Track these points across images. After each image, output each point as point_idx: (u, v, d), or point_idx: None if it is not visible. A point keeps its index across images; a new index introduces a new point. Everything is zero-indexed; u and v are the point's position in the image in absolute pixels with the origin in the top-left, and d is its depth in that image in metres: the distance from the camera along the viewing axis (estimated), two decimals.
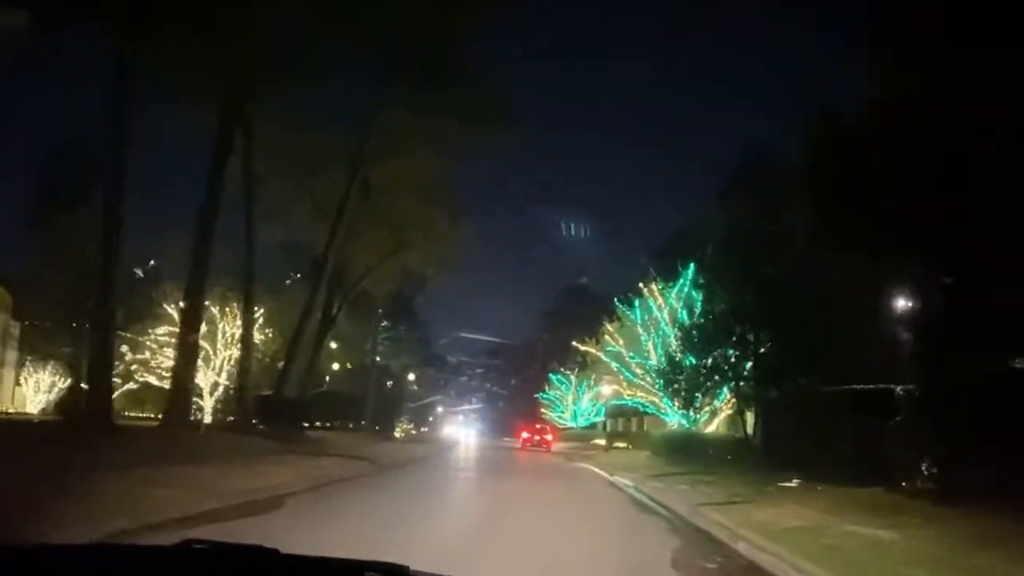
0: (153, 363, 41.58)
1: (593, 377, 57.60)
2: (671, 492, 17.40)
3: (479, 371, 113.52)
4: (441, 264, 43.46)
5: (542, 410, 68.88)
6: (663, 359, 30.06)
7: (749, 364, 25.48)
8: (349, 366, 64.17)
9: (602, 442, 54.33)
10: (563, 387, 66.07)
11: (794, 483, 17.29)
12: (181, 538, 2.14)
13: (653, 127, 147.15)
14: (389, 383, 69.31)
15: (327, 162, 36.44)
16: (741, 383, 25.58)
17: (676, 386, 26.72)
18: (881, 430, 16.53)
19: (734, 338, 25.56)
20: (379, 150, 36.82)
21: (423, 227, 39.57)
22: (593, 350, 36.21)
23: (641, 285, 32.15)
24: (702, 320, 26.21)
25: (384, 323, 73.91)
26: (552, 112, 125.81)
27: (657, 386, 30.75)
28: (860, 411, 18.24)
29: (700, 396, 26.57)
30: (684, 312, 29.24)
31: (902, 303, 19.21)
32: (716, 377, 25.64)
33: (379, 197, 38.45)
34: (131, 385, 46.22)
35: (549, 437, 54.29)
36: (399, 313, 76.16)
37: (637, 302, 32.52)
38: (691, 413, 29.58)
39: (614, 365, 33.16)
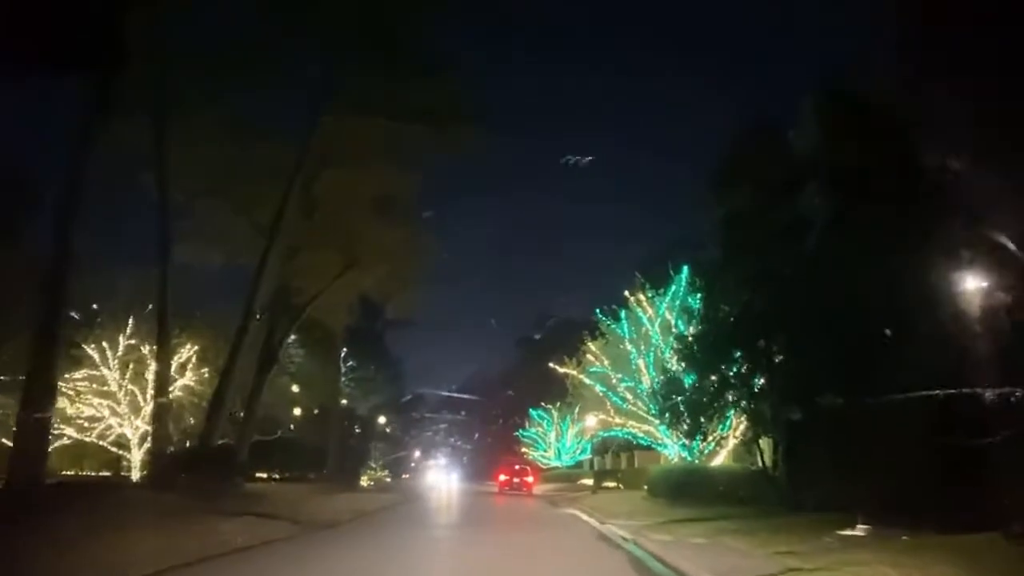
0: (71, 412, 36.17)
1: (577, 409, 52.78)
2: (686, 550, 12.55)
3: (461, 413, 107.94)
4: (401, 287, 38.47)
5: (523, 449, 63.60)
6: (657, 380, 25.35)
7: (761, 380, 20.77)
8: (316, 412, 58.61)
9: (589, 482, 49.29)
10: (545, 423, 60.95)
11: (860, 530, 12.50)
12: None
13: (633, 117, 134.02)
14: (357, 428, 63.88)
15: (270, 176, 31.65)
16: (754, 403, 20.83)
17: (675, 410, 21.86)
18: (969, 451, 11.97)
19: (740, 351, 20.89)
20: (324, 158, 32.30)
21: (377, 245, 34.67)
22: (574, 372, 31.07)
23: (627, 294, 27.44)
24: (704, 327, 21.50)
25: (350, 363, 68.92)
26: (527, 111, 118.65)
27: (651, 412, 25.99)
28: (929, 428, 13.67)
29: (705, 421, 21.70)
30: (680, 322, 24.64)
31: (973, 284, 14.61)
32: (728, 395, 20.86)
33: (326, 212, 33.66)
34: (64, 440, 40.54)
35: (530, 479, 49.27)
36: (368, 350, 71.12)
37: (624, 314, 27.70)
38: (695, 443, 24.87)
39: (599, 389, 28.21)
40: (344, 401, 64.71)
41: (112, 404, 35.89)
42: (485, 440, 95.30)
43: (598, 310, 28.30)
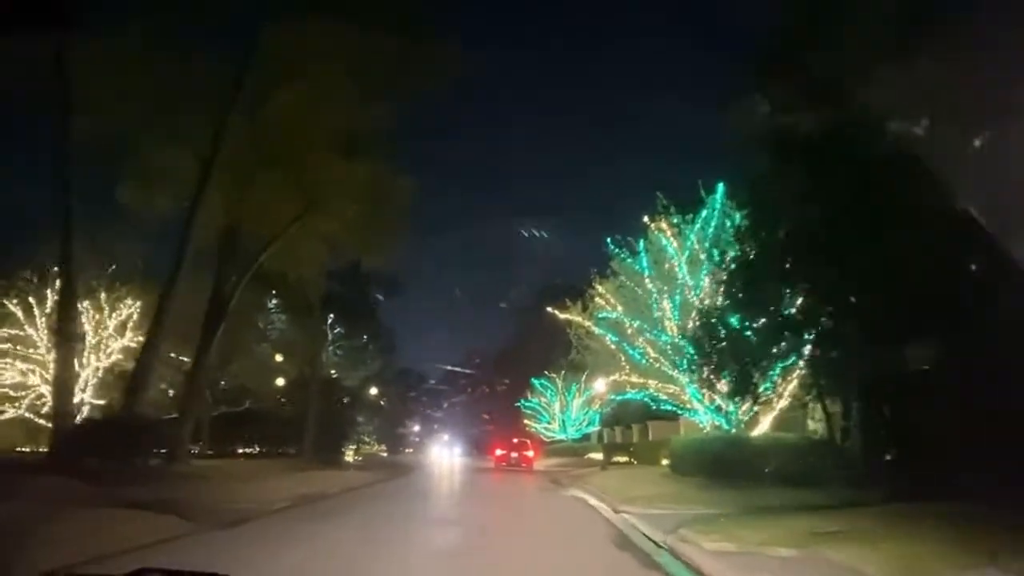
0: None
1: (585, 376, 47.50)
2: None
3: (463, 388, 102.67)
4: (375, 236, 33.03)
5: (525, 422, 58.36)
6: (687, 325, 19.93)
7: (829, 321, 15.39)
8: (295, 381, 53.25)
9: (598, 456, 44.11)
10: (548, 393, 55.68)
11: None
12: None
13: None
14: (346, 399, 58.60)
15: (216, 102, 26.27)
16: (822, 350, 15.47)
17: (713, 362, 16.41)
18: None
19: (800, 283, 15.51)
20: (272, 76, 26.98)
21: (341, 184, 29.19)
22: (579, 319, 25.16)
23: (647, 221, 21.79)
24: (750, 253, 16.05)
25: (337, 330, 63.69)
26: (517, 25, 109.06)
27: (679, 367, 20.59)
28: None
29: (755, 375, 16.24)
30: (715, 252, 19.23)
31: None
32: (783, 341, 15.44)
33: (279, 144, 28.22)
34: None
35: (530, 453, 44.22)
36: (359, 320, 65.80)
37: (643, 245, 22.09)
38: (733, 407, 19.58)
39: (611, 340, 22.66)
40: (334, 373, 59.64)
41: (42, 371, 30.71)
42: (488, 414, 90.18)
43: (609, 240, 22.75)
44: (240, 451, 48.79)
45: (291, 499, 18.45)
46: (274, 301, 58.08)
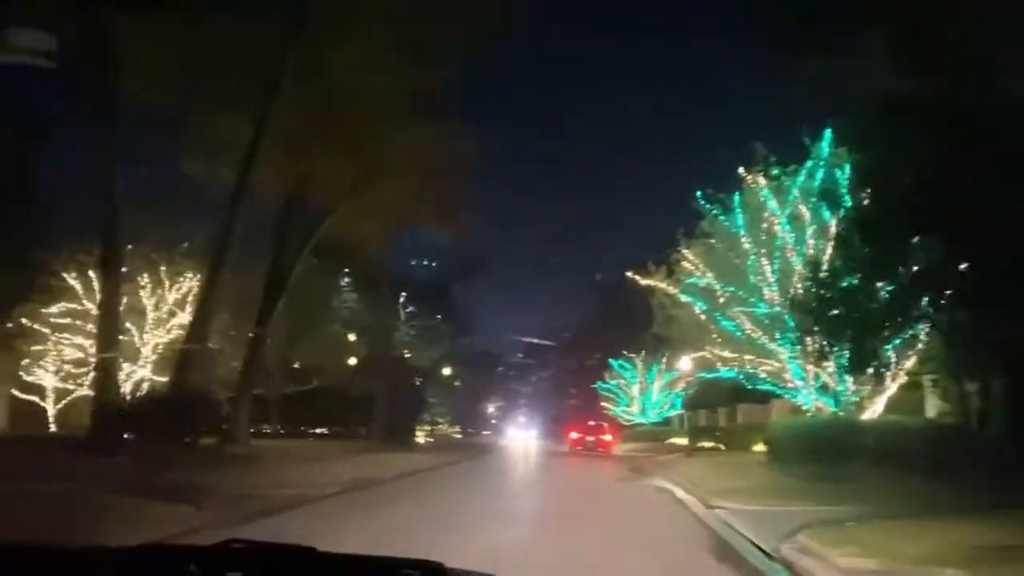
0: (55, 353, 30.14)
1: (665, 359, 44.81)
2: None
3: (540, 369, 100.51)
4: (438, 203, 31.10)
5: (603, 404, 55.84)
6: (789, 291, 17.30)
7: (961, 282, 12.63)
8: (366, 360, 51.96)
9: (681, 442, 41.52)
10: (627, 374, 53.08)
11: None
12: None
13: None
14: (418, 380, 57.22)
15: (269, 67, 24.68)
16: (956, 315, 12.77)
17: (825, 333, 13.79)
18: None
19: (921, 239, 12.80)
20: (326, 37, 25.19)
21: (403, 147, 27.31)
22: (663, 285, 22.23)
23: (742, 172, 19.01)
24: (872, 203, 13.37)
25: (410, 308, 62.35)
26: None
27: (781, 340, 17.95)
28: None
29: (879, 346, 13.58)
30: (824, 207, 16.54)
31: None
32: (913, 301, 12.74)
33: (337, 106, 26.42)
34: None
35: (607, 437, 41.78)
36: (432, 299, 64.39)
37: (737, 200, 19.25)
38: (842, 386, 16.91)
39: (700, 308, 19.96)
40: (407, 354, 58.33)
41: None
42: (565, 396, 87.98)
43: (699, 193, 19.90)
44: (311, 431, 47.76)
45: (341, 484, 16.65)
46: (346, 280, 57.38)
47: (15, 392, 32.52)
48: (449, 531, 9.54)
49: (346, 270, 54.21)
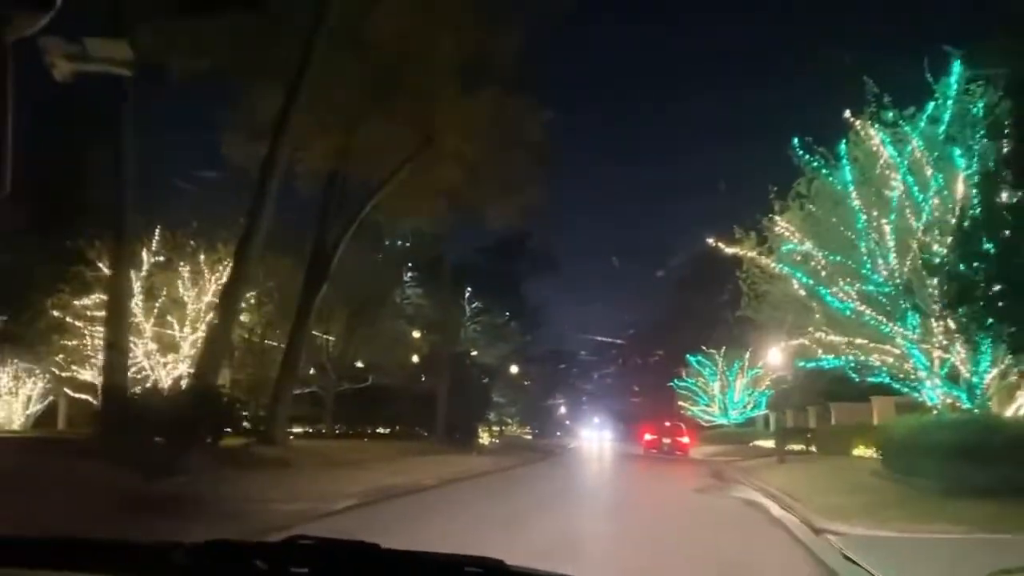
0: (87, 349, 28.36)
1: (749, 352, 41.18)
2: None
3: (613, 367, 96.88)
4: (498, 183, 28.30)
5: (680, 403, 52.35)
6: (907, 260, 13.92)
7: None
8: (427, 357, 49.52)
9: (766, 444, 37.88)
10: (706, 372, 49.51)
11: None
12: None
13: None
14: (485, 379, 54.55)
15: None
16: None
17: (973, 305, 10.50)
18: None
19: None
20: None
21: (459, 116, 24.65)
22: (753, 254, 18.25)
23: (849, 117, 15.44)
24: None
25: (475, 304, 59.86)
26: None
27: (902, 319, 14.57)
28: None
29: None
30: (956, 153, 13.19)
31: None
32: None
33: (385, 71, 23.97)
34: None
35: (685, 439, 38.51)
36: (500, 295, 61.82)
37: (844, 150, 15.69)
38: (977, 376, 13.53)
39: (799, 282, 16.38)
40: (474, 353, 55.82)
41: (134, 339, 27.92)
42: (639, 396, 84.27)
43: (796, 141, 16.29)
44: (370, 432, 45.61)
45: (369, 494, 14.09)
46: (410, 274, 55.23)
47: (68, 391, 31.15)
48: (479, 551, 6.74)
49: (409, 264, 52.39)
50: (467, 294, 58.66)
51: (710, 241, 17.19)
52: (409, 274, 54.89)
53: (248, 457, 19.90)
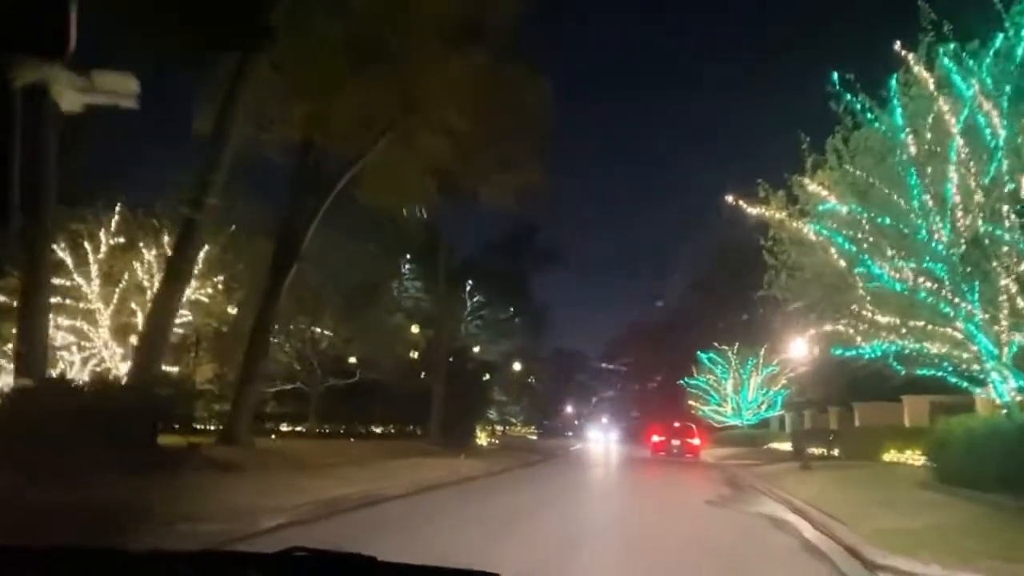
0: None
1: (765, 347, 38.49)
2: None
3: (621, 367, 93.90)
4: (491, 159, 25.75)
5: (691, 403, 49.56)
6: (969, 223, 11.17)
7: None
8: (423, 352, 46.85)
9: (782, 447, 35.18)
10: (719, 370, 46.76)
11: None
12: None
13: None
14: (486, 376, 51.81)
15: None
16: None
17: None
18: None
19: None
20: None
21: (444, 80, 22.03)
22: (782, 216, 14.95)
23: (900, 51, 12.50)
24: None
25: (477, 298, 57.24)
26: None
27: (971, 295, 11.84)
28: None
29: None
30: None
31: None
32: None
33: (361, 34, 21.43)
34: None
35: (695, 441, 35.81)
36: (505, 290, 59.08)
37: (894, 91, 12.83)
38: None
39: (838, 251, 13.42)
40: (477, 349, 53.15)
41: (91, 328, 25.47)
42: (648, 397, 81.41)
43: (835, 76, 13.32)
44: (364, 430, 43.07)
45: (310, 509, 11.49)
46: (407, 266, 52.67)
47: None
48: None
49: (408, 256, 49.84)
50: (468, 287, 56.08)
51: (729, 199, 14.34)
52: (407, 266, 52.45)
53: (193, 460, 17.36)
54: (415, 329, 47.66)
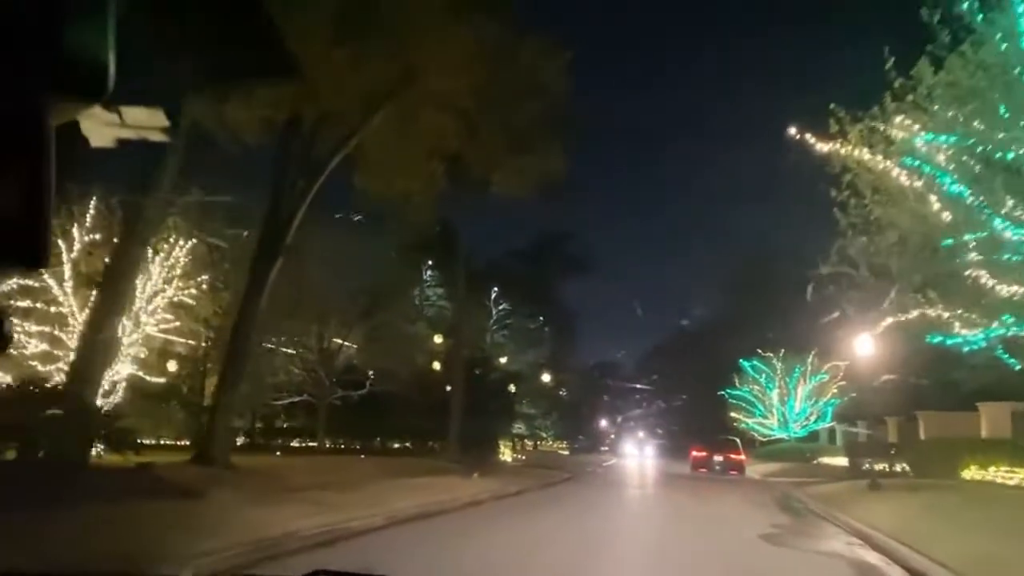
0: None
1: (812, 356, 35.22)
2: None
3: (658, 378, 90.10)
4: (503, 141, 23.05)
5: (732, 415, 46.06)
6: None
7: None
8: (442, 362, 44.00)
9: (835, 462, 31.73)
10: (763, 380, 43.32)
11: None
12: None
13: None
14: (512, 387, 48.75)
15: None
16: None
17: None
18: None
19: None
20: None
21: (448, 47, 19.28)
22: (864, 154, 11.63)
23: None
24: None
25: (502, 306, 54.48)
26: None
27: None
28: None
29: None
30: None
31: None
32: None
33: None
34: None
35: (740, 456, 32.57)
36: (532, 298, 56.25)
37: None
38: None
39: (941, 199, 10.23)
40: (503, 359, 50.22)
41: (62, 335, 23.00)
42: (687, 408, 77.64)
43: None
44: (381, 444, 40.38)
45: (232, 555, 8.63)
46: (428, 273, 49.98)
47: None
48: None
49: (430, 262, 47.22)
50: (493, 294, 53.32)
51: (792, 132, 11.18)
52: (429, 272, 49.76)
53: (138, 484, 14.66)
54: (438, 339, 45.02)
